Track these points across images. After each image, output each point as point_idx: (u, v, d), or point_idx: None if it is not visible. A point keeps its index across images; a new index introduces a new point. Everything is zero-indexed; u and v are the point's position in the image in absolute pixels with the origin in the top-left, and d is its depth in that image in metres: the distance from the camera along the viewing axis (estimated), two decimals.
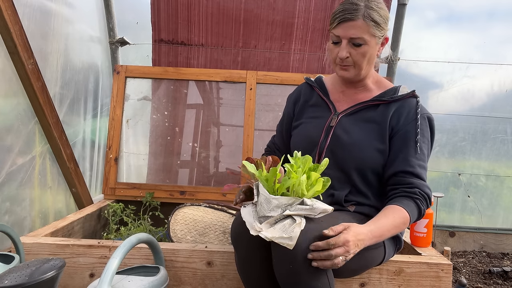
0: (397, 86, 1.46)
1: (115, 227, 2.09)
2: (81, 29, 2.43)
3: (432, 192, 1.78)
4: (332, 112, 1.48)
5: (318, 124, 1.47)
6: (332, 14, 1.36)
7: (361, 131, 1.40)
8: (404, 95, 1.41)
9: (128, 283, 1.25)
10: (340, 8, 1.34)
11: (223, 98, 2.50)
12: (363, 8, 1.31)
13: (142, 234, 1.35)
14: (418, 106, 1.39)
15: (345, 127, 1.42)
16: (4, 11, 1.68)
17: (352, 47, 1.33)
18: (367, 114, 1.42)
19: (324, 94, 1.52)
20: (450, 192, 2.71)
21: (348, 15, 1.30)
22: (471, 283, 2.19)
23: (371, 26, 1.31)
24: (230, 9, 2.49)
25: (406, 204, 1.27)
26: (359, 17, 1.30)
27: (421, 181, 1.32)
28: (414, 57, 2.60)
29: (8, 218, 1.83)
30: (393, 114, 1.39)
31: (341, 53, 1.34)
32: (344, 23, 1.31)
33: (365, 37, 1.31)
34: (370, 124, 1.40)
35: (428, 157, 1.38)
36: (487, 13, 2.59)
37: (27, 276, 1.10)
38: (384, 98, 1.41)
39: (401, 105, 1.40)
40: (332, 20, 1.36)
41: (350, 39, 1.32)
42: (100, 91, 2.60)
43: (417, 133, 1.35)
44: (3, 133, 1.81)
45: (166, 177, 2.44)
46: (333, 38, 1.36)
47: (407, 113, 1.39)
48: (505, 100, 2.66)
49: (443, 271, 1.47)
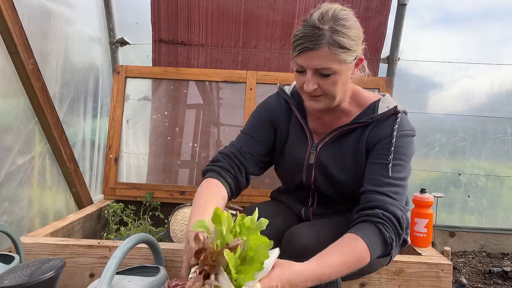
0: (376, 101, 1.28)
1: (115, 227, 2.09)
2: (81, 29, 2.43)
3: (432, 192, 1.79)
4: (309, 145, 1.33)
5: (299, 161, 1.34)
6: (292, 37, 1.15)
7: (342, 169, 1.28)
8: (384, 113, 1.24)
9: (128, 283, 1.25)
10: (300, 33, 1.12)
11: (223, 98, 2.50)
12: (327, 33, 1.09)
13: (142, 234, 1.35)
14: (396, 123, 1.22)
15: (326, 165, 1.29)
16: (4, 11, 1.68)
17: (319, 77, 1.15)
18: (345, 141, 1.28)
19: (303, 118, 1.35)
20: (450, 192, 2.71)
21: (309, 44, 1.09)
22: (471, 283, 2.19)
23: (339, 53, 1.11)
24: (230, 9, 2.49)
25: (365, 232, 1.06)
26: (322, 45, 1.09)
27: (388, 199, 1.13)
28: (413, 57, 2.60)
29: (7, 218, 1.82)
30: (368, 135, 1.25)
31: (307, 86, 1.15)
32: (306, 53, 1.11)
33: (333, 66, 1.12)
34: (349, 153, 1.27)
35: (407, 177, 1.21)
36: (484, 13, 2.59)
37: (27, 276, 1.10)
38: (362, 120, 1.26)
39: (377, 125, 1.25)
40: (293, 46, 1.14)
41: (315, 69, 1.13)
42: (100, 91, 2.60)
43: (390, 152, 1.18)
44: (3, 133, 1.81)
45: (166, 177, 2.44)
46: (296, 66, 1.17)
47: (382, 132, 1.23)
48: (505, 100, 2.66)
49: (443, 271, 1.47)
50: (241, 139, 1.36)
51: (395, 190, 1.15)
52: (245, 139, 1.35)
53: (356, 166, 1.26)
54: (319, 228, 1.21)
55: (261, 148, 1.36)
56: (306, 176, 1.33)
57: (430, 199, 1.70)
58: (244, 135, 1.37)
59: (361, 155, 1.25)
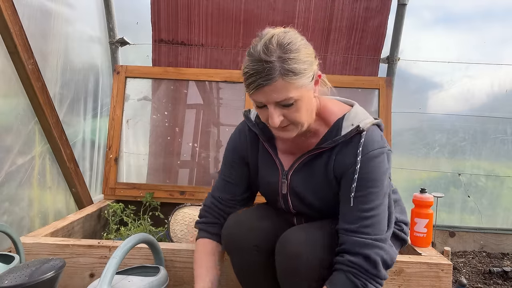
0: (340, 118, 1.19)
1: (115, 227, 2.09)
2: (81, 29, 2.43)
3: (432, 192, 1.78)
4: (280, 173, 1.28)
5: (273, 190, 1.32)
6: (242, 74, 1.09)
7: (316, 194, 1.24)
8: (347, 134, 1.16)
9: (128, 283, 1.25)
10: (250, 70, 1.05)
11: (223, 98, 2.50)
12: (277, 64, 1.03)
13: (142, 234, 1.35)
14: (360, 145, 1.13)
15: (299, 192, 1.26)
16: (4, 11, 1.68)
17: (282, 108, 1.08)
18: (314, 165, 1.23)
19: (271, 146, 1.30)
20: (450, 192, 2.71)
21: (262, 81, 1.03)
22: (471, 283, 2.19)
23: (294, 81, 1.05)
24: (230, 9, 2.49)
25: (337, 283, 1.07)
26: (276, 78, 1.03)
27: (358, 238, 1.08)
28: (413, 57, 2.60)
29: (7, 218, 1.83)
30: (335, 161, 1.19)
31: (273, 120, 1.08)
32: (262, 89, 1.05)
33: (293, 95, 1.06)
34: (319, 178, 1.22)
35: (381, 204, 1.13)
36: (484, 13, 2.59)
37: (27, 276, 1.10)
38: (325, 144, 1.19)
39: (341, 148, 1.18)
40: (245, 83, 1.08)
41: (276, 103, 1.07)
42: (100, 91, 2.60)
43: (354, 179, 1.11)
44: (3, 133, 1.81)
45: (166, 177, 2.44)
46: (255, 102, 1.11)
47: (346, 159, 1.16)
48: (505, 100, 2.66)
49: (443, 271, 1.47)
50: (218, 186, 1.41)
51: (368, 223, 1.10)
52: (222, 185, 1.40)
53: (329, 191, 1.22)
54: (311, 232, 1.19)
55: (238, 189, 1.39)
56: (284, 203, 1.32)
57: (430, 199, 1.69)
58: (222, 181, 1.41)
59: (331, 181, 1.20)
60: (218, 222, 1.37)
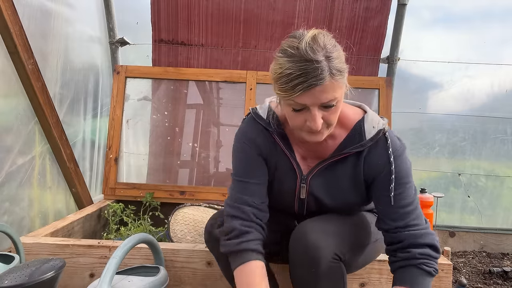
0: (360, 121, 1.20)
1: (115, 227, 2.09)
2: (81, 29, 2.43)
3: (432, 192, 1.79)
4: (298, 177, 1.24)
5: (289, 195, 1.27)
6: (281, 76, 1.02)
7: (336, 197, 1.24)
8: (373, 137, 1.17)
9: (128, 283, 1.25)
10: (296, 71, 1.00)
11: (223, 98, 2.50)
12: (325, 63, 1.00)
13: (142, 234, 1.35)
14: (389, 146, 1.16)
15: (318, 197, 1.24)
16: (4, 11, 1.68)
17: (323, 110, 1.06)
18: (338, 169, 1.22)
19: (288, 149, 1.24)
20: (450, 192, 2.71)
21: (313, 81, 0.99)
22: (471, 283, 2.19)
23: (339, 80, 1.03)
24: (230, 9, 2.49)
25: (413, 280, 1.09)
26: (326, 78, 1.00)
27: (414, 231, 1.13)
28: (413, 57, 2.60)
29: (7, 218, 1.83)
30: (364, 163, 1.19)
31: (315, 124, 1.05)
32: (311, 90, 1.00)
33: (338, 95, 1.05)
34: (345, 180, 1.22)
35: (416, 193, 1.19)
36: (483, 13, 2.59)
37: (27, 276, 1.10)
38: (351, 148, 1.18)
39: (370, 150, 1.18)
40: (286, 87, 1.01)
41: (321, 104, 1.04)
42: (100, 91, 2.60)
43: (391, 180, 1.15)
44: (3, 133, 1.81)
45: (166, 177, 2.44)
46: (295, 106, 1.05)
47: (378, 161, 1.17)
48: (505, 100, 2.66)
49: (443, 271, 1.47)
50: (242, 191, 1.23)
51: (414, 216, 1.15)
52: (248, 189, 1.23)
53: (350, 194, 1.23)
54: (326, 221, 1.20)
55: (265, 189, 1.26)
56: (298, 208, 1.29)
57: (430, 199, 1.70)
58: (245, 184, 1.23)
59: (359, 184, 1.21)
60: (261, 237, 1.19)
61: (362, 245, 1.24)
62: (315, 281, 1.10)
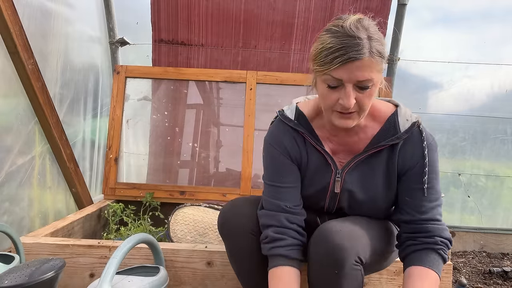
0: (393, 114, 1.23)
1: (115, 227, 2.09)
2: (81, 29, 2.43)
3: None
4: (332, 172, 1.24)
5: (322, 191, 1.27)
6: (321, 50, 1.06)
7: (371, 191, 1.24)
8: (408, 130, 1.20)
9: (128, 283, 1.25)
10: (337, 44, 1.03)
11: (223, 98, 2.50)
12: (366, 42, 1.03)
13: (142, 234, 1.35)
14: (424, 139, 1.19)
15: (353, 191, 1.24)
16: (4, 11, 1.68)
17: (357, 90, 1.07)
18: (373, 162, 1.23)
19: (319, 145, 1.24)
20: (450, 192, 2.71)
21: (353, 54, 1.01)
22: (471, 283, 2.19)
23: (378, 62, 1.05)
24: (230, 9, 2.49)
25: (431, 261, 1.14)
26: (366, 54, 1.02)
27: (437, 225, 1.18)
28: (413, 57, 2.60)
29: (7, 218, 1.83)
30: (399, 156, 1.21)
31: (348, 101, 1.06)
32: (349, 64, 1.02)
33: (373, 77, 1.06)
34: (380, 174, 1.23)
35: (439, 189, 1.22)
36: (483, 13, 2.59)
37: (27, 276, 1.10)
38: (386, 141, 1.20)
39: (404, 143, 1.21)
40: (325, 60, 1.05)
41: (356, 82, 1.05)
42: (100, 91, 2.60)
43: (425, 173, 1.17)
44: (3, 133, 1.81)
45: (166, 177, 2.44)
46: (330, 81, 1.07)
47: (414, 153, 1.20)
48: (505, 100, 2.66)
49: (443, 271, 1.47)
50: (276, 195, 1.23)
51: (440, 211, 1.20)
52: (281, 193, 1.23)
53: (382, 187, 1.24)
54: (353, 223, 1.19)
55: (298, 192, 1.27)
56: (329, 203, 1.29)
57: None
58: (277, 188, 1.24)
59: (392, 177, 1.23)
60: (295, 242, 1.18)
61: (383, 252, 1.25)
62: (337, 283, 1.09)
